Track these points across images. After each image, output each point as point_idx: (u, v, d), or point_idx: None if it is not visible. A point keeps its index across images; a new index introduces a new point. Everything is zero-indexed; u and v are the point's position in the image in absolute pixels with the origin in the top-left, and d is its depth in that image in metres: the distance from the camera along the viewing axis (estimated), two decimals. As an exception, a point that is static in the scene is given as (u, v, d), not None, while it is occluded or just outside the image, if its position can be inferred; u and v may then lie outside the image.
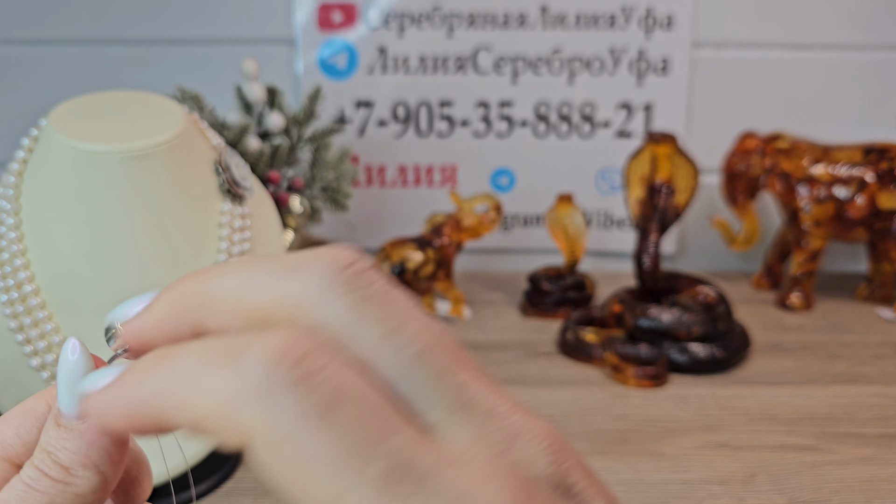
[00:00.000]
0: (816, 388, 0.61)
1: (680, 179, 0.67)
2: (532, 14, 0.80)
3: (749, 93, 0.83)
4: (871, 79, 0.83)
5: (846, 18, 0.81)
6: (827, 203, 0.74)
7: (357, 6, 0.79)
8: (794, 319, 0.74)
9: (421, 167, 0.84)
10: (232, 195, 0.50)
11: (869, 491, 0.49)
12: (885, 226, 0.73)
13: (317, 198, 0.68)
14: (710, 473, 0.50)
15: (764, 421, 0.57)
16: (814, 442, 0.54)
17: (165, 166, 0.47)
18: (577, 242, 0.75)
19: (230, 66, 0.77)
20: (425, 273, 0.69)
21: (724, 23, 0.81)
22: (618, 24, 0.80)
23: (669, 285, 0.69)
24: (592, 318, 0.70)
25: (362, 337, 0.16)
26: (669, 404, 0.59)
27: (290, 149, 0.67)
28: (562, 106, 0.82)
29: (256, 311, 0.17)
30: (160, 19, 0.79)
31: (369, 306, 0.16)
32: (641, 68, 0.81)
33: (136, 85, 0.78)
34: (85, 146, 0.45)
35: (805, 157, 0.74)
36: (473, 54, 0.80)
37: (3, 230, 0.46)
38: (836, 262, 0.87)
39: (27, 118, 0.79)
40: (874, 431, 0.55)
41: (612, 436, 0.54)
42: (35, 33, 0.79)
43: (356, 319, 0.16)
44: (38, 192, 0.46)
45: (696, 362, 0.63)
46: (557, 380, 0.62)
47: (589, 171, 0.84)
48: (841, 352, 0.67)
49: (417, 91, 0.81)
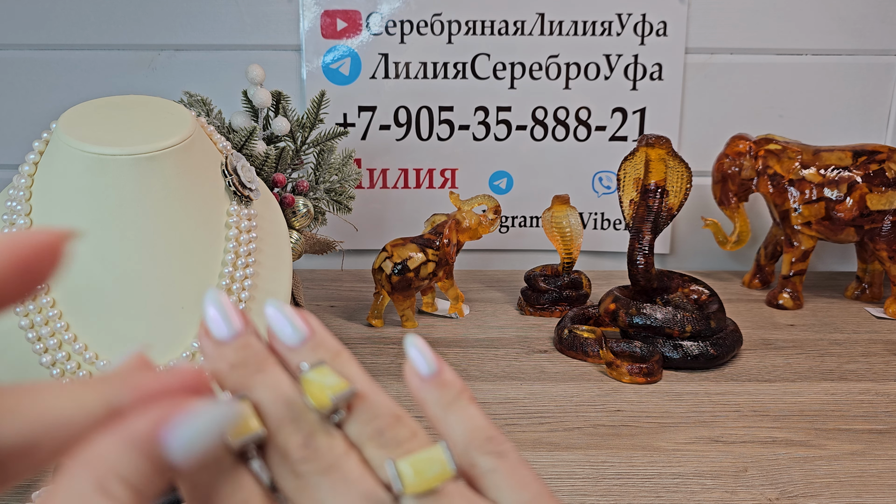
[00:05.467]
0: (807, 385, 0.62)
1: (673, 181, 0.67)
2: (530, 21, 0.80)
3: (741, 97, 0.83)
4: (861, 83, 0.83)
5: (836, 24, 0.81)
6: (817, 204, 0.74)
7: (360, 14, 0.80)
8: (785, 318, 0.75)
9: (422, 170, 0.84)
10: (239, 197, 0.51)
11: (859, 485, 0.49)
12: (874, 226, 0.74)
13: (321, 199, 0.69)
14: (702, 467, 0.51)
15: (756, 417, 0.57)
16: (805, 437, 0.54)
17: (174, 169, 0.47)
18: (574, 243, 0.75)
19: (237, 71, 0.78)
20: (426, 272, 0.69)
21: (716, 29, 0.81)
22: (613, 30, 0.80)
23: (663, 284, 0.70)
24: (588, 315, 0.71)
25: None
26: (663, 400, 0.59)
27: (295, 152, 0.67)
28: (558, 110, 0.83)
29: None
30: (169, 26, 0.79)
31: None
32: (636, 74, 0.82)
33: (145, 89, 0.79)
34: (95, 149, 0.45)
35: (796, 159, 0.75)
36: (473, 60, 0.81)
37: (15, 231, 0.46)
38: (827, 261, 0.88)
39: (38, 122, 0.80)
40: (864, 427, 0.56)
41: (606, 430, 0.55)
42: (46, 39, 0.79)
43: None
44: (49, 193, 0.47)
45: (689, 359, 0.64)
46: (554, 376, 0.62)
47: (585, 174, 0.85)
48: (831, 349, 0.68)
49: (418, 96, 0.82)
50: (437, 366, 0.24)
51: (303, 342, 0.24)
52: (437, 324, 0.73)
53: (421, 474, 0.21)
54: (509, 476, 0.22)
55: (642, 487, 0.49)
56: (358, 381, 0.23)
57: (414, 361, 0.24)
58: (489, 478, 0.22)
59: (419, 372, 0.24)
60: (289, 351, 0.24)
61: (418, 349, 0.24)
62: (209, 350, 0.23)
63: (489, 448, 0.23)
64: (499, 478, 0.22)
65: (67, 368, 0.45)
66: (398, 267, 0.68)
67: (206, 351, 0.23)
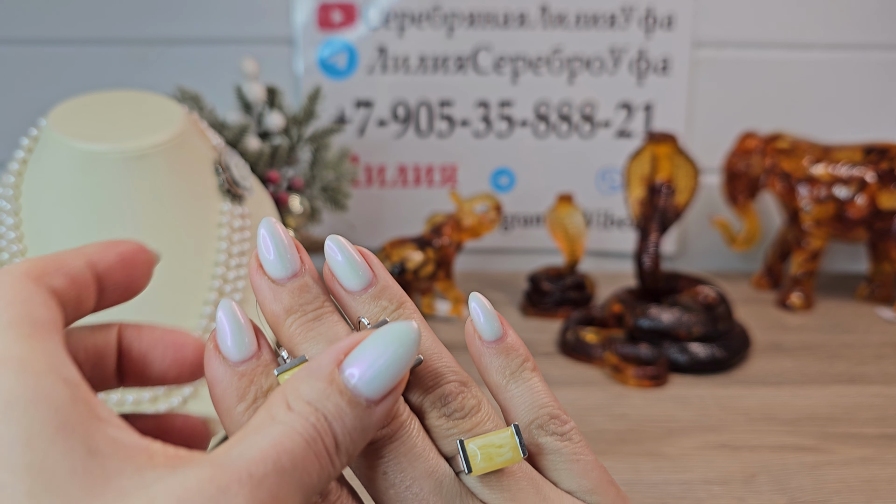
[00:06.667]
0: (817, 389, 0.61)
1: (680, 179, 0.67)
2: (532, 14, 0.79)
3: (749, 93, 0.83)
4: (872, 78, 0.82)
5: (847, 18, 0.81)
6: (827, 203, 0.73)
7: (357, 6, 0.79)
8: (795, 319, 0.74)
9: (421, 167, 0.84)
10: (232, 195, 0.50)
11: (869, 491, 0.49)
12: (885, 226, 0.73)
13: (317, 198, 0.68)
14: (710, 474, 0.50)
15: (764, 421, 0.56)
16: (814, 442, 0.54)
17: (165, 166, 0.47)
18: (577, 242, 0.75)
19: (230, 65, 0.77)
20: (425, 273, 0.69)
21: (724, 22, 0.81)
22: (618, 23, 0.80)
23: (670, 285, 0.69)
24: (592, 318, 0.70)
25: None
26: (669, 404, 0.59)
27: (289, 149, 0.67)
28: (562, 106, 0.82)
29: None
30: (160, 19, 0.79)
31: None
32: (642, 68, 0.81)
33: (136, 85, 0.78)
34: (84, 146, 0.45)
35: (805, 156, 0.74)
36: (473, 54, 0.80)
37: (3, 230, 0.46)
38: (837, 262, 0.87)
39: (26, 118, 0.79)
40: (874, 431, 0.55)
41: (612, 436, 0.54)
42: (34, 33, 0.79)
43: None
44: (38, 192, 0.46)
45: (697, 362, 0.63)
46: (557, 380, 0.62)
47: (589, 171, 0.84)
48: (841, 352, 0.67)
49: (417, 91, 0.81)
50: (501, 329, 0.23)
51: (364, 288, 0.22)
52: (436, 326, 0.72)
53: (490, 459, 0.21)
54: (572, 460, 0.22)
55: (648, 494, 0.48)
56: (422, 340, 0.22)
57: (476, 322, 0.23)
58: (551, 459, 0.22)
59: (482, 334, 0.23)
60: (348, 296, 0.22)
61: (482, 308, 0.23)
62: (264, 289, 0.21)
63: (553, 428, 0.22)
64: (561, 460, 0.22)
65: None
66: (396, 268, 0.68)
67: (260, 290, 0.22)
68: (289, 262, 0.22)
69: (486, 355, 0.23)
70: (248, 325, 0.21)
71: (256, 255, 0.22)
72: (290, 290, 0.21)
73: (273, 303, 0.21)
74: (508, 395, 0.23)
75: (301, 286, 0.22)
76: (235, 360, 0.21)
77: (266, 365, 0.21)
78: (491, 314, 0.23)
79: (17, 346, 0.16)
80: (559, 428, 0.22)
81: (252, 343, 0.21)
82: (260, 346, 0.21)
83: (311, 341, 0.21)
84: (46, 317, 0.18)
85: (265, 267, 0.22)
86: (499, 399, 0.23)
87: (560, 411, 0.23)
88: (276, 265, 0.21)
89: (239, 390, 0.20)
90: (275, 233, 0.22)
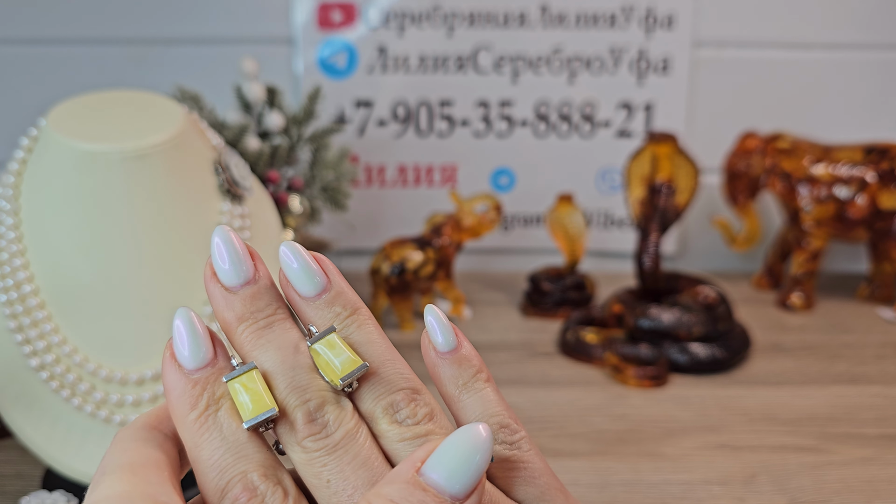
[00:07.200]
0: (817, 389, 0.61)
1: (680, 179, 0.67)
2: (532, 13, 0.79)
3: (749, 93, 0.82)
4: (872, 78, 0.82)
5: (847, 18, 0.81)
6: (828, 203, 0.73)
7: (357, 6, 0.79)
8: (795, 320, 0.74)
9: (421, 167, 0.84)
10: (231, 195, 0.50)
11: (870, 491, 0.49)
12: (885, 226, 0.73)
13: (316, 198, 0.68)
14: (710, 474, 0.50)
15: (764, 421, 0.56)
16: (814, 442, 0.54)
17: (164, 166, 0.46)
18: (578, 242, 0.74)
19: (229, 65, 0.77)
20: (425, 273, 0.69)
21: (724, 22, 0.80)
22: (618, 23, 0.80)
23: (670, 285, 0.69)
24: (593, 318, 0.70)
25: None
26: (670, 405, 0.59)
27: (289, 148, 0.66)
28: (562, 106, 0.82)
29: None
30: (159, 19, 0.79)
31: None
32: (642, 68, 0.81)
33: (135, 84, 0.78)
34: (84, 146, 0.45)
35: (806, 156, 0.74)
36: (473, 54, 0.80)
37: (3, 230, 0.46)
38: (837, 262, 0.87)
39: (26, 118, 0.79)
40: (875, 432, 0.55)
41: (612, 436, 0.54)
42: (34, 33, 0.79)
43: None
44: (38, 191, 0.46)
45: (697, 363, 0.63)
46: (558, 380, 0.62)
47: (589, 171, 0.84)
48: (842, 352, 0.67)
49: (417, 91, 0.81)
50: (455, 341, 0.23)
51: (318, 294, 0.22)
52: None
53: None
54: (520, 468, 0.22)
55: (648, 494, 0.48)
56: (375, 346, 0.22)
57: (431, 333, 0.23)
58: (500, 467, 0.22)
59: (436, 345, 0.23)
60: (302, 301, 0.22)
61: (437, 320, 0.23)
62: (217, 297, 0.22)
63: (503, 437, 0.22)
64: (509, 468, 0.22)
65: (56, 372, 0.45)
66: (396, 268, 0.68)
67: (213, 296, 0.22)
68: (241, 270, 0.22)
69: (440, 366, 0.23)
70: (205, 334, 0.21)
71: (210, 262, 0.22)
72: (241, 298, 0.22)
73: (225, 310, 0.22)
74: (461, 405, 0.23)
75: (253, 293, 0.22)
76: (190, 367, 0.21)
77: (220, 372, 0.21)
78: (445, 326, 0.23)
79: (121, 484, 0.20)
80: (509, 437, 0.22)
81: (208, 351, 0.21)
82: (216, 354, 0.22)
83: (260, 349, 0.21)
84: (157, 456, 0.21)
85: (218, 274, 0.22)
86: (452, 409, 0.23)
87: (511, 420, 0.23)
88: (229, 273, 0.22)
89: (192, 398, 0.21)
90: (228, 241, 0.22)
